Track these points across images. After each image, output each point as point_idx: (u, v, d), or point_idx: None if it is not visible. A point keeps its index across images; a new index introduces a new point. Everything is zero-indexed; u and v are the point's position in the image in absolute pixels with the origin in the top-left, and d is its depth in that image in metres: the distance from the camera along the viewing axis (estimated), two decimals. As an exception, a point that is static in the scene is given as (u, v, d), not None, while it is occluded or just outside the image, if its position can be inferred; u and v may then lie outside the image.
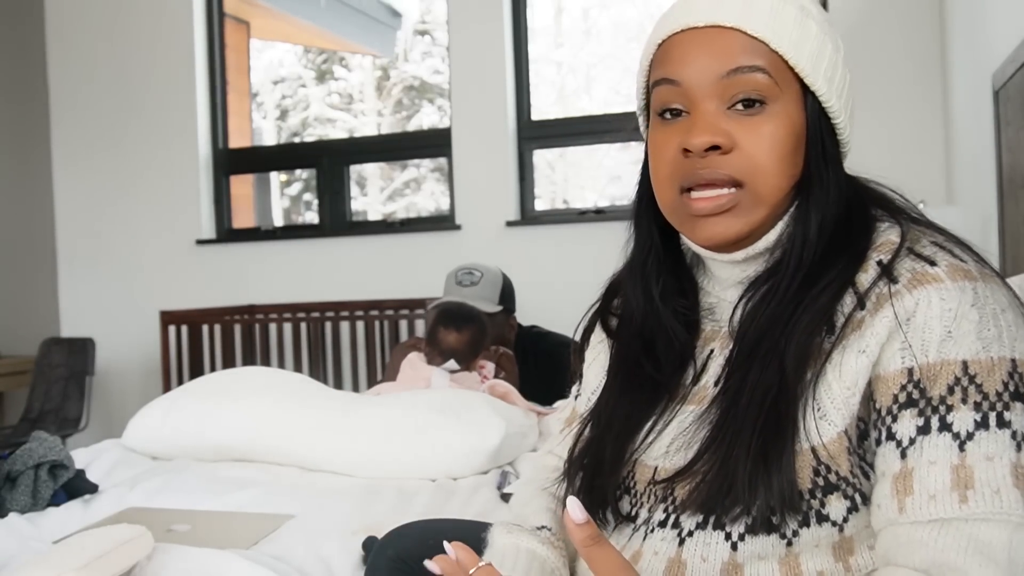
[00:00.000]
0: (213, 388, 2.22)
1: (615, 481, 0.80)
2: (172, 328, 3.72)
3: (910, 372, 0.67)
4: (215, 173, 4.23)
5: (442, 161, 4.20)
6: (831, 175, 0.76)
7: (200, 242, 4.15)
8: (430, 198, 4.94)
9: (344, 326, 3.67)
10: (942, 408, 0.65)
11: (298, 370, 3.48)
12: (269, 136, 5.12)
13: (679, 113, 0.76)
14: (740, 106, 0.73)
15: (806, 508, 0.69)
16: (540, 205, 3.90)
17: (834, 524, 0.69)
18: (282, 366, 3.52)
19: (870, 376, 0.69)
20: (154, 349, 4.09)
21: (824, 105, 0.76)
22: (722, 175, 0.73)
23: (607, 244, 0.90)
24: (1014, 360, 0.66)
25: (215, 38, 4.21)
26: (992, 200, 2.21)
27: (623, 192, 3.95)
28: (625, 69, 4.08)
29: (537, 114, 3.80)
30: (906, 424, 0.66)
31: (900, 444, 0.67)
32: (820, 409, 0.69)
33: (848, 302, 0.72)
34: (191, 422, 2.08)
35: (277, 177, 5.06)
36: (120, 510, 1.67)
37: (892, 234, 0.74)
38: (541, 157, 3.96)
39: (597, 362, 0.91)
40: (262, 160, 4.51)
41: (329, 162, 4.14)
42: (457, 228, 3.74)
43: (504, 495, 1.72)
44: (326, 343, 3.54)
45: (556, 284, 3.33)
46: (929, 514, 0.64)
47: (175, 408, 2.14)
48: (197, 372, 3.54)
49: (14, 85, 4.26)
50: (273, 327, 3.66)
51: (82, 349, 3.94)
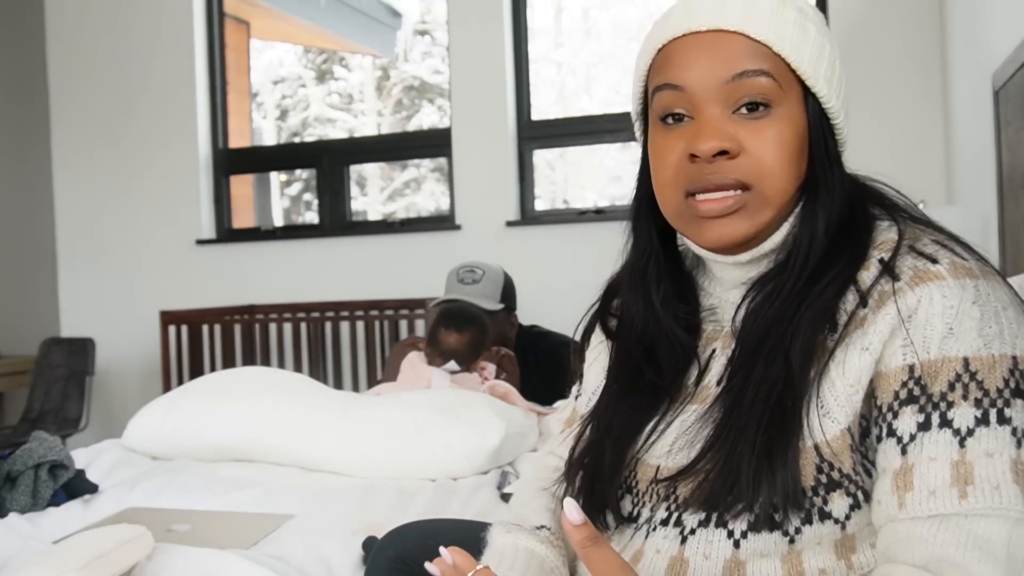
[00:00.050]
0: (213, 388, 2.22)
1: (615, 486, 0.80)
2: (172, 328, 3.72)
3: (911, 369, 0.67)
4: (215, 173, 4.23)
5: (442, 161, 4.20)
6: (835, 175, 0.76)
7: (200, 242, 4.15)
8: (430, 198, 4.94)
9: (344, 326, 3.67)
10: (943, 404, 0.66)
11: (298, 370, 3.48)
12: (269, 136, 5.12)
13: (681, 118, 0.76)
14: (744, 110, 0.73)
15: (809, 505, 0.69)
16: (540, 205, 3.90)
17: (836, 521, 0.70)
18: (282, 366, 3.52)
19: (872, 373, 0.69)
20: (154, 349, 4.09)
21: (824, 106, 0.76)
22: (730, 179, 0.73)
23: (607, 244, 0.90)
24: (1015, 357, 0.66)
25: (215, 38, 4.21)
26: (992, 200, 2.21)
27: (623, 192, 3.95)
28: (625, 69, 4.08)
29: (537, 114, 3.80)
30: (907, 420, 0.67)
31: (901, 440, 0.67)
32: (824, 406, 0.70)
33: (850, 300, 0.72)
34: (191, 422, 2.08)
35: (277, 177, 5.06)
36: (120, 510, 1.66)
37: (892, 232, 0.74)
38: (541, 157, 3.96)
39: (598, 362, 0.91)
40: (262, 160, 4.51)
41: (329, 162, 4.14)
42: (457, 228, 3.74)
43: (504, 495, 1.72)
44: (326, 343, 3.54)
45: (556, 284, 3.34)
46: (929, 510, 0.64)
47: (175, 408, 2.14)
48: (197, 372, 3.54)
49: (14, 85, 4.26)
50: (273, 327, 3.66)
51: (82, 349, 3.94)
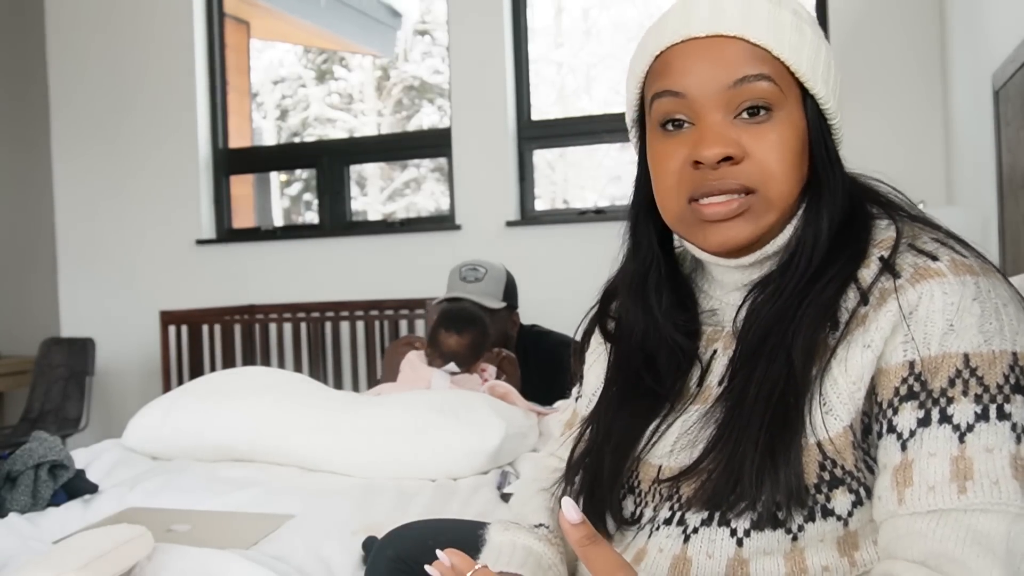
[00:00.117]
0: (213, 388, 2.22)
1: (615, 492, 0.80)
2: (172, 328, 3.72)
3: (912, 365, 0.67)
4: (215, 173, 4.23)
5: (442, 161, 4.20)
6: (837, 175, 0.76)
7: (200, 242, 4.15)
8: (430, 198, 4.93)
9: (344, 326, 3.67)
10: (943, 400, 0.66)
11: (298, 370, 3.48)
12: (269, 136, 5.12)
13: (681, 124, 0.75)
14: (745, 114, 0.73)
15: (811, 503, 0.69)
16: (540, 205, 3.90)
17: (839, 518, 0.70)
18: (282, 366, 3.52)
19: (874, 370, 0.69)
20: (154, 349, 4.09)
21: (823, 106, 0.76)
22: (734, 184, 0.73)
23: (607, 244, 0.89)
24: (1015, 353, 0.66)
25: (215, 38, 4.21)
26: (992, 200, 2.21)
27: (623, 192, 3.93)
28: (625, 69, 4.07)
29: (537, 114, 3.80)
30: (907, 416, 0.67)
31: (901, 436, 0.67)
32: (826, 404, 0.70)
33: (851, 297, 0.72)
34: (191, 422, 2.08)
35: (277, 177, 5.06)
36: (120, 510, 1.66)
37: (891, 230, 0.75)
38: (541, 157, 3.96)
39: (598, 363, 0.91)
40: (262, 160, 4.51)
41: (329, 162, 4.14)
42: (457, 228, 3.74)
43: (504, 495, 1.72)
44: (326, 343, 3.54)
45: (556, 284, 3.33)
46: (928, 505, 0.64)
47: (175, 408, 2.14)
48: (197, 372, 3.54)
49: (14, 85, 4.26)
50: (273, 327, 3.66)
51: (82, 349, 3.94)
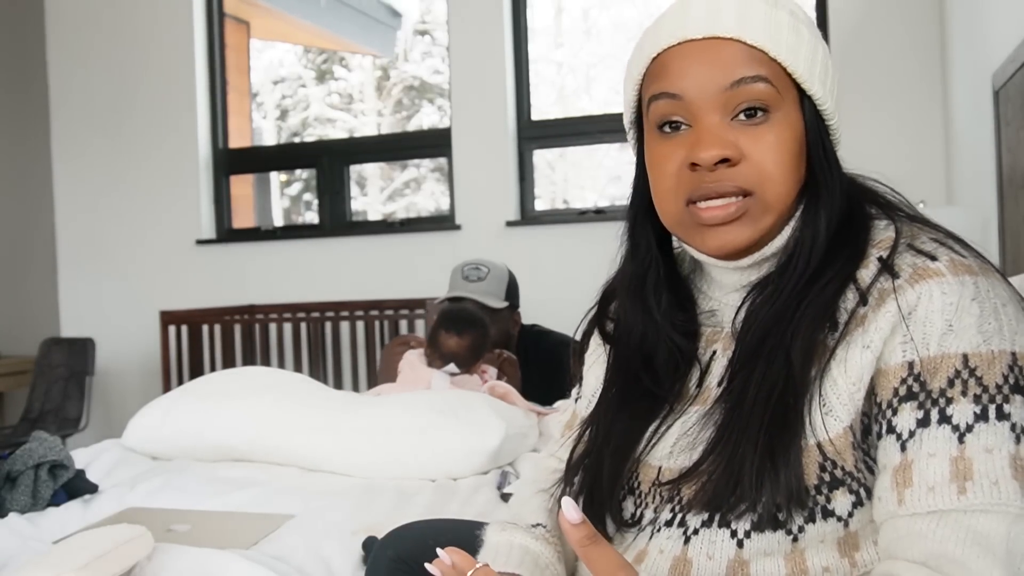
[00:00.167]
0: (213, 388, 2.22)
1: (614, 495, 0.80)
2: (172, 328, 3.72)
3: (911, 365, 0.67)
4: (215, 173, 4.23)
5: (442, 161, 4.20)
6: (834, 176, 0.76)
7: (200, 242, 4.15)
8: (430, 198, 4.94)
9: (344, 326, 3.67)
10: (942, 401, 0.66)
11: (298, 370, 3.48)
12: (269, 136, 5.12)
13: (679, 126, 0.75)
14: (743, 116, 0.73)
15: (812, 504, 0.69)
16: (540, 205, 3.90)
17: (839, 519, 0.70)
18: (282, 366, 3.52)
19: (873, 370, 0.69)
20: (154, 349, 4.09)
21: (820, 107, 0.76)
22: (732, 187, 0.73)
23: (607, 244, 0.89)
24: (1014, 353, 0.66)
25: (215, 38, 4.21)
26: (992, 200, 2.21)
27: (623, 192, 3.89)
28: (624, 69, 4.07)
29: (537, 114, 3.80)
30: (906, 417, 0.67)
31: (900, 437, 0.67)
32: (826, 405, 0.70)
33: (850, 298, 0.72)
34: (191, 422, 2.08)
35: (277, 177, 5.06)
36: (120, 510, 1.66)
37: (890, 231, 0.75)
38: (541, 157, 3.96)
39: (597, 364, 0.91)
40: (262, 160, 4.51)
41: (329, 162, 4.14)
42: (457, 228, 3.74)
43: (504, 495, 1.72)
44: (326, 343, 3.54)
45: (556, 284, 3.34)
46: (928, 506, 0.64)
47: (175, 408, 2.14)
48: (197, 372, 3.54)
49: (14, 85, 4.26)
50: (273, 327, 3.66)
51: (82, 349, 3.94)
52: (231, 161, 4.27)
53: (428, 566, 0.71)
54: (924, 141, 3.11)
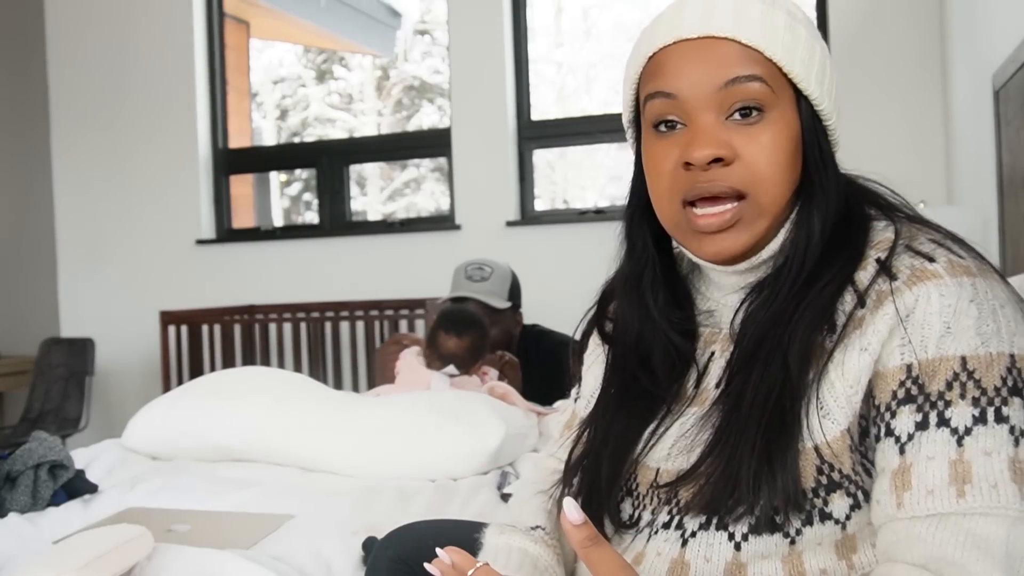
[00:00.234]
0: (213, 388, 2.22)
1: (613, 496, 0.80)
2: (172, 328, 3.72)
3: (909, 368, 0.67)
4: (215, 173, 4.23)
5: (442, 161, 4.20)
6: (830, 177, 0.76)
7: (200, 242, 4.15)
8: (430, 198, 4.94)
9: (344, 326, 3.67)
10: (940, 404, 0.66)
11: (298, 370, 3.48)
12: (269, 136, 5.12)
13: (674, 125, 0.75)
14: (737, 116, 0.73)
15: (809, 507, 0.69)
16: (540, 205, 3.90)
17: (837, 522, 0.70)
18: (282, 366, 3.52)
19: (871, 373, 0.69)
20: (154, 349, 4.09)
21: (817, 108, 0.76)
22: (725, 187, 0.73)
23: (607, 244, 0.89)
24: (1013, 355, 0.66)
25: (215, 38, 4.21)
26: (992, 200, 2.21)
27: (623, 192, 3.92)
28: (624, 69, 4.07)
29: (537, 114, 3.80)
30: (905, 420, 0.67)
31: (899, 440, 0.67)
32: (823, 408, 0.70)
33: (848, 300, 0.72)
34: (191, 422, 2.08)
35: (277, 177, 5.06)
36: (120, 510, 1.66)
37: (889, 232, 0.74)
38: (541, 157, 3.96)
39: (596, 364, 0.91)
40: (262, 160, 4.51)
41: (329, 162, 4.14)
42: (457, 228, 3.74)
43: (504, 495, 1.72)
44: (326, 343, 3.54)
45: (556, 284, 3.33)
46: (927, 509, 0.64)
47: (175, 408, 2.14)
48: (197, 372, 3.54)
49: (14, 85, 4.26)
50: (273, 327, 3.66)
51: (82, 349, 3.94)
52: (231, 161, 4.27)
53: (428, 566, 0.71)
54: (924, 141, 3.11)
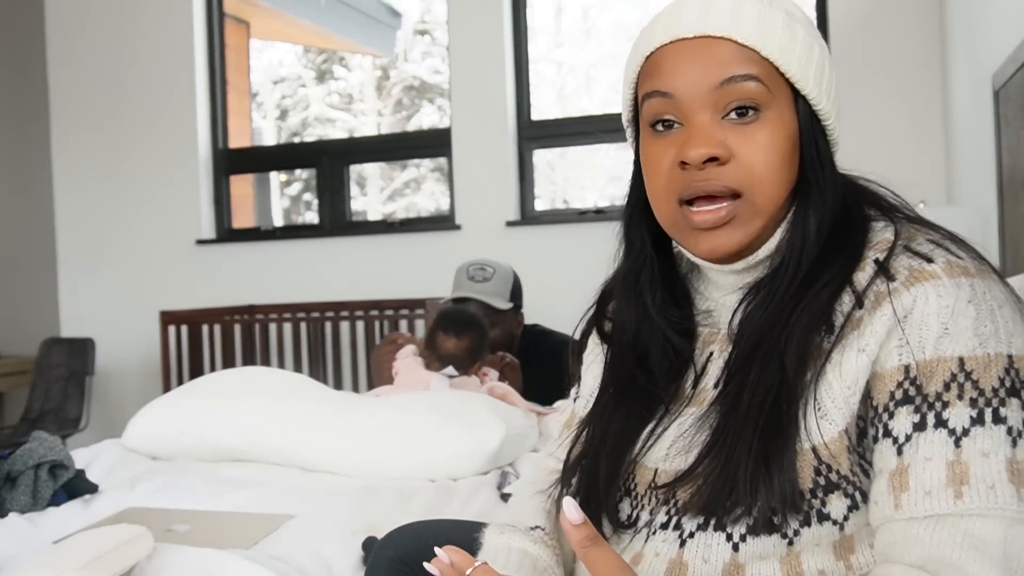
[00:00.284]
0: (213, 388, 2.22)
1: (611, 496, 0.80)
2: (172, 328, 3.72)
3: (907, 369, 0.67)
4: (215, 173, 4.23)
5: (442, 161, 4.20)
6: (827, 177, 0.76)
7: (200, 242, 4.15)
8: (430, 198, 4.94)
9: (344, 326, 3.67)
10: (938, 404, 0.66)
11: (298, 370, 3.48)
12: (269, 136, 5.12)
13: (671, 125, 0.75)
14: (734, 115, 0.73)
15: (807, 508, 0.69)
16: (540, 205, 3.90)
17: (835, 523, 0.70)
18: (282, 366, 3.52)
19: (869, 374, 0.69)
20: (154, 349, 4.09)
21: (815, 107, 0.76)
22: (720, 186, 0.73)
23: (607, 244, 0.90)
24: (1010, 356, 0.66)
25: (215, 38, 4.21)
26: (992, 200, 2.21)
27: (623, 192, 3.92)
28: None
29: (537, 114, 3.80)
30: (902, 421, 0.67)
31: (896, 441, 0.67)
32: (821, 408, 0.70)
33: (846, 301, 0.72)
34: (191, 422, 2.08)
35: (277, 177, 5.06)
36: (120, 510, 1.66)
37: (888, 232, 0.74)
38: (541, 157, 3.96)
39: (595, 364, 0.91)
40: (262, 160, 4.51)
41: (329, 162, 4.14)
42: (457, 228, 3.74)
43: (504, 495, 1.72)
44: (326, 343, 3.54)
45: (556, 284, 3.33)
46: (924, 510, 0.64)
47: (175, 408, 2.14)
48: (197, 372, 3.54)
49: (14, 86, 4.26)
50: (273, 327, 3.66)
51: (82, 349, 3.94)
52: (231, 161, 4.27)
53: (427, 565, 0.71)
54: (924, 141, 3.11)
